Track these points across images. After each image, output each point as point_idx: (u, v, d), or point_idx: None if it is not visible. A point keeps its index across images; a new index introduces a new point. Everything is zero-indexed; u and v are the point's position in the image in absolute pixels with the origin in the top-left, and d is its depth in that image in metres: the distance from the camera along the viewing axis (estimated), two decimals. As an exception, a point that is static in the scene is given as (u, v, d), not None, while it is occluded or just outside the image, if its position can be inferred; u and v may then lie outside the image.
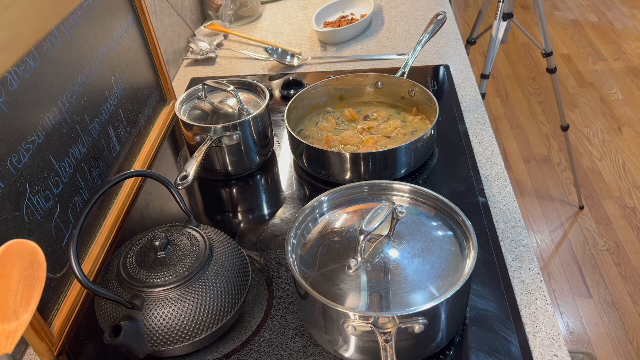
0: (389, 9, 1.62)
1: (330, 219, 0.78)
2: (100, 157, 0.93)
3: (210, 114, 1.01)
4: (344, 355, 0.70)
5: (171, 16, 1.40)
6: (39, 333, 0.72)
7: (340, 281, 0.68)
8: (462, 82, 1.26)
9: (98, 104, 0.94)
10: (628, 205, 2.28)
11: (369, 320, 0.63)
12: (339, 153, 0.95)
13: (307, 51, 1.45)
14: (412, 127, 1.05)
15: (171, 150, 1.15)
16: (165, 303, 0.70)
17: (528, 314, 0.75)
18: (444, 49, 1.39)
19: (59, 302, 0.79)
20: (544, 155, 2.57)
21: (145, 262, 0.73)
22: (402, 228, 0.73)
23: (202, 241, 0.76)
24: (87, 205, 0.70)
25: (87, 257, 0.87)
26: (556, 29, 3.48)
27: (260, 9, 1.69)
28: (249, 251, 0.89)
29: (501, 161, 1.02)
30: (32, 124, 0.76)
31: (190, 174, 0.88)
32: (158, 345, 0.70)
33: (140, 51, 1.11)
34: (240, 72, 1.39)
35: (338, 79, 1.12)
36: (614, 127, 2.68)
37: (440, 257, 0.70)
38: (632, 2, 3.71)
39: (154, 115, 1.16)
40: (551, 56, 2.00)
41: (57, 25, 0.83)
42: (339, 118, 1.10)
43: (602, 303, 1.95)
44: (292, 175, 1.05)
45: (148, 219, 0.99)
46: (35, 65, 0.77)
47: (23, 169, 0.73)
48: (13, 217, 0.70)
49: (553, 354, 0.71)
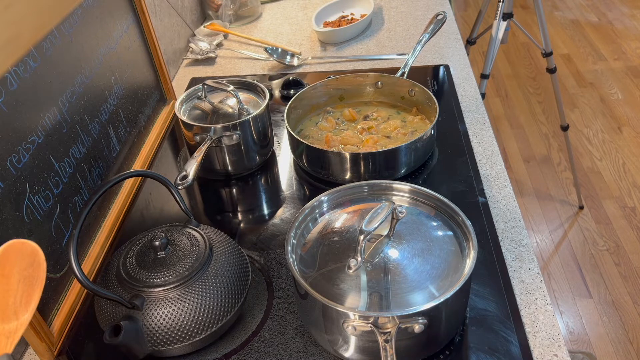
0: (389, 9, 1.62)
1: (330, 219, 0.78)
2: (100, 157, 0.93)
3: (210, 114, 1.01)
4: (344, 355, 0.70)
5: (171, 16, 1.40)
6: (39, 333, 0.72)
7: (340, 281, 0.68)
8: (462, 82, 1.26)
9: (98, 104, 0.94)
10: (628, 205, 2.28)
11: (369, 320, 0.63)
12: (339, 153, 0.95)
13: (307, 51, 1.45)
14: (412, 127, 1.05)
15: (171, 150, 1.15)
16: (165, 303, 0.70)
17: (528, 314, 0.75)
18: (444, 49, 1.39)
19: (59, 302, 0.79)
20: (544, 155, 2.57)
21: (145, 262, 0.73)
22: (402, 228, 0.73)
23: (202, 241, 0.76)
24: (87, 205, 0.70)
25: (87, 257, 0.87)
26: (556, 29, 3.49)
27: (260, 9, 1.69)
28: (249, 251, 0.89)
29: (501, 161, 1.02)
30: (32, 123, 0.76)
31: (190, 174, 0.88)
32: (158, 345, 0.70)
33: (140, 51, 1.11)
34: (240, 72, 1.39)
35: (338, 79, 1.12)
36: (614, 127, 2.68)
37: (440, 257, 0.70)
38: (632, 2, 3.71)
39: (154, 115, 1.16)
40: (551, 56, 2.00)
41: (57, 25, 0.83)
42: (339, 118, 1.10)
43: (602, 303, 1.95)
44: (292, 175, 1.05)
45: (148, 219, 0.99)
46: (35, 65, 0.77)
47: (23, 169, 0.73)
48: (13, 217, 0.70)
49: (553, 354, 0.71)
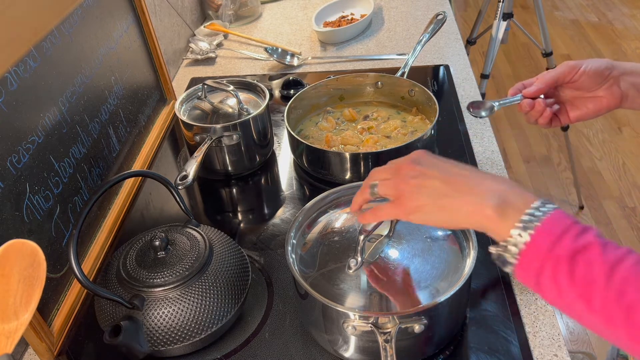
0: (389, 9, 1.62)
1: (330, 219, 0.78)
2: (100, 157, 0.93)
3: (210, 114, 1.01)
4: (344, 355, 0.70)
5: (171, 16, 1.40)
6: (39, 333, 0.72)
7: (340, 281, 0.68)
8: (462, 82, 1.26)
9: (98, 104, 0.94)
10: (628, 205, 2.28)
11: (369, 320, 0.63)
12: (339, 153, 0.95)
13: (307, 51, 1.45)
14: (412, 127, 1.05)
15: (171, 150, 1.15)
16: (165, 303, 0.70)
17: (528, 314, 0.75)
18: (444, 49, 1.39)
19: (59, 302, 0.79)
20: (544, 155, 2.57)
21: (145, 262, 0.73)
22: (402, 228, 0.73)
23: (202, 241, 0.76)
24: (87, 205, 0.70)
25: (87, 257, 0.87)
26: (556, 29, 3.48)
27: (260, 9, 1.68)
28: (249, 251, 0.89)
29: (501, 161, 1.02)
30: (32, 123, 0.76)
31: (190, 174, 0.88)
32: (158, 345, 0.70)
33: (140, 51, 1.11)
34: (240, 72, 1.39)
35: (338, 79, 1.12)
36: (614, 127, 2.68)
37: (440, 257, 0.70)
38: (632, 2, 3.70)
39: (154, 115, 1.16)
40: (551, 56, 2.00)
41: (57, 25, 0.83)
42: (339, 118, 1.10)
43: (602, 303, 1.95)
44: (292, 175, 1.05)
45: (148, 219, 0.99)
46: (35, 65, 0.77)
47: (23, 169, 0.73)
48: (13, 217, 0.70)
49: (553, 354, 0.71)
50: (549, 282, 0.48)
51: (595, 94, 0.75)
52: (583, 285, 0.46)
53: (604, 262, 0.46)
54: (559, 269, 0.47)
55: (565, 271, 0.47)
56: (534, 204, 0.50)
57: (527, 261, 0.49)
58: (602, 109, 0.75)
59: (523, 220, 0.49)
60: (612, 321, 0.45)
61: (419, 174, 0.56)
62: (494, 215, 0.51)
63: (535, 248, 0.48)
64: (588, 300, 0.46)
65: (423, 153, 0.59)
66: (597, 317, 0.46)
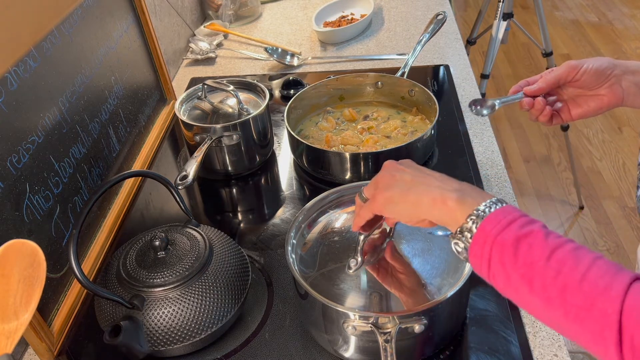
0: (389, 9, 1.62)
1: (330, 219, 0.78)
2: (100, 157, 0.93)
3: (210, 114, 1.01)
4: (344, 355, 0.70)
5: (171, 16, 1.40)
6: (39, 333, 0.72)
7: (340, 281, 0.68)
8: (462, 82, 1.26)
9: (98, 104, 0.94)
10: (628, 205, 2.28)
11: (369, 320, 0.63)
12: (339, 153, 0.95)
13: (307, 51, 1.45)
14: (412, 127, 1.05)
15: (171, 150, 1.15)
16: (165, 303, 0.70)
17: (528, 314, 0.75)
18: (444, 49, 1.39)
19: (59, 302, 0.79)
20: (544, 155, 2.57)
21: (145, 262, 0.73)
22: (402, 228, 0.73)
23: (202, 241, 0.76)
24: (87, 205, 0.70)
25: (87, 257, 0.87)
26: (556, 29, 3.48)
27: (260, 9, 1.69)
28: (249, 251, 0.89)
29: (501, 161, 1.02)
30: (32, 123, 0.76)
31: (190, 174, 0.88)
32: (158, 345, 0.70)
33: (140, 51, 1.11)
34: (240, 72, 1.39)
35: (338, 79, 1.12)
36: (614, 127, 2.68)
37: (440, 257, 0.70)
38: (632, 2, 3.70)
39: (154, 115, 1.16)
40: (551, 56, 2.00)
41: (57, 25, 0.83)
42: (339, 118, 1.10)
43: (602, 303, 1.95)
44: (292, 175, 1.05)
45: (148, 219, 0.99)
46: (35, 65, 0.77)
47: (23, 169, 0.73)
48: (13, 217, 0.70)
49: (553, 354, 0.71)
50: (498, 267, 0.51)
51: (597, 92, 0.76)
52: (525, 266, 0.49)
53: (545, 246, 0.49)
54: (505, 252, 0.50)
55: (510, 254, 0.50)
56: (490, 200, 0.54)
57: (477, 246, 0.52)
58: (604, 107, 0.76)
59: (478, 209, 0.53)
60: (550, 302, 0.47)
61: (395, 170, 0.61)
62: (455, 206, 0.55)
63: (484, 233, 0.52)
64: (529, 281, 0.48)
65: (407, 160, 0.65)
66: (537, 298, 0.48)
